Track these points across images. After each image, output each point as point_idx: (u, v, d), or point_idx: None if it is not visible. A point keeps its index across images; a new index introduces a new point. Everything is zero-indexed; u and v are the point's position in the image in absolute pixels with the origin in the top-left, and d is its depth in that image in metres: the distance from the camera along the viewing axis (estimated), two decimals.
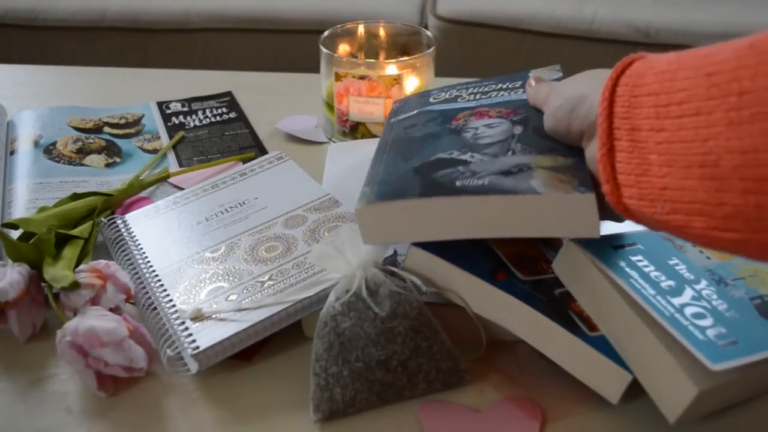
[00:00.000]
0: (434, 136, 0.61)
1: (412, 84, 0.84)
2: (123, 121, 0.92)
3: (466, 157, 0.56)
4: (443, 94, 0.71)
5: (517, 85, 0.66)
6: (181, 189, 0.77)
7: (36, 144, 0.85)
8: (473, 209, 0.52)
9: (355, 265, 0.53)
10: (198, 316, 0.55)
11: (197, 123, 0.92)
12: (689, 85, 0.39)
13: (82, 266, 0.58)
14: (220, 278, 0.59)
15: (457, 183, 0.53)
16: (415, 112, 0.68)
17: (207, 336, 0.53)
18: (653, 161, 0.41)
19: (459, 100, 0.67)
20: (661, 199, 0.40)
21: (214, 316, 0.55)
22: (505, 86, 0.67)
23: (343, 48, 0.90)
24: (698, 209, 0.38)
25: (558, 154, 0.53)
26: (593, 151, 0.47)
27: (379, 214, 0.54)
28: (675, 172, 0.39)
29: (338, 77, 0.82)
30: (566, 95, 0.50)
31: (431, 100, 0.70)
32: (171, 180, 0.79)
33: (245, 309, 0.55)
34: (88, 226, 0.66)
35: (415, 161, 0.58)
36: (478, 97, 0.67)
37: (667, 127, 0.39)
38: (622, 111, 0.43)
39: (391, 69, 0.82)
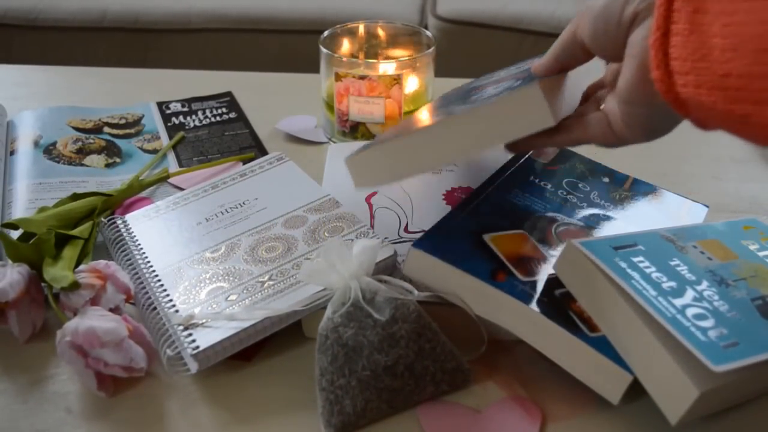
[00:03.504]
0: (448, 103, 0.63)
1: (411, 84, 0.84)
2: (123, 122, 0.91)
3: None
4: (487, 76, 0.74)
5: None
6: (181, 189, 0.77)
7: (36, 144, 0.84)
8: (440, 135, 0.56)
9: (347, 277, 0.53)
10: (189, 324, 0.55)
11: (197, 123, 0.92)
12: None
13: (82, 266, 0.58)
14: (220, 278, 0.59)
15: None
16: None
17: (207, 336, 0.53)
18: (715, 45, 0.38)
19: (494, 76, 0.69)
20: (721, 86, 0.38)
21: (204, 322, 0.55)
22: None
23: (343, 48, 0.90)
24: None
25: (524, 84, 0.55)
26: (641, 35, 0.45)
27: (364, 162, 0.60)
28: (741, 57, 0.36)
29: (338, 77, 0.82)
30: None
31: (474, 83, 0.73)
32: (171, 180, 0.79)
33: (238, 319, 0.54)
34: (88, 227, 0.66)
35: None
36: (511, 71, 0.68)
37: (741, 8, 0.37)
38: None
39: (391, 69, 0.82)
